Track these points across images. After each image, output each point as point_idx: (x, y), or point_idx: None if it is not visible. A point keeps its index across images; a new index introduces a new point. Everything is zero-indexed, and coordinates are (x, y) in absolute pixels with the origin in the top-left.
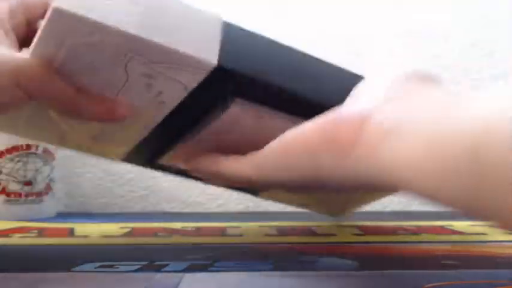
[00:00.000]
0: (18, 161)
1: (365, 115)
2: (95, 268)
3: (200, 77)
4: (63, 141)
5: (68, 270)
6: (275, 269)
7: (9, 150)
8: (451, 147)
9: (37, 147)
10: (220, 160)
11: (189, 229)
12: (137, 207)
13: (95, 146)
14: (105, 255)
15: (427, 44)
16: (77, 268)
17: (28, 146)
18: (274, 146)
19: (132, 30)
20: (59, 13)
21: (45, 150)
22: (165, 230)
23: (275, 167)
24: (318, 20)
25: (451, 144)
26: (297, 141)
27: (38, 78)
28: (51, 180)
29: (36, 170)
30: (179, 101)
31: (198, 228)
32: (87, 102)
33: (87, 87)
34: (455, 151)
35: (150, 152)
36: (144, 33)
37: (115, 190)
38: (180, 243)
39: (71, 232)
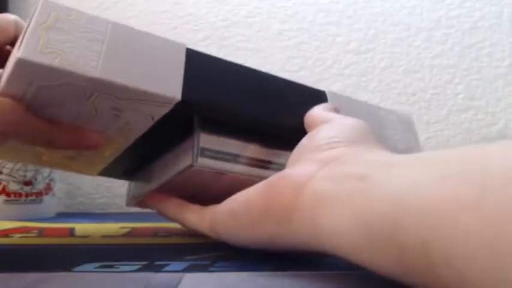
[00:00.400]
0: None
1: (303, 181)
2: (95, 268)
3: (165, 109)
4: (40, 162)
5: (68, 270)
6: (275, 269)
7: None
8: (373, 219)
9: None
10: (182, 210)
11: None
12: (137, 207)
13: (71, 165)
14: (105, 255)
15: (428, 44)
16: (77, 268)
17: None
18: (224, 208)
19: (95, 72)
20: (23, 62)
21: None
22: (165, 230)
23: (226, 228)
24: (321, 25)
25: (374, 215)
26: (242, 207)
27: (12, 118)
28: (51, 180)
29: (36, 170)
30: (147, 129)
31: None
32: (60, 134)
33: (58, 119)
34: (378, 223)
35: (124, 169)
36: (107, 75)
37: (115, 190)
38: (180, 243)
39: (71, 232)
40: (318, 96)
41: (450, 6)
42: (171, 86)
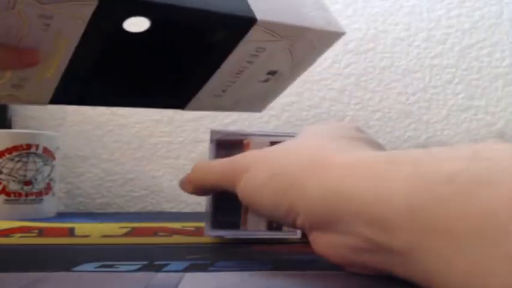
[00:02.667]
0: (18, 161)
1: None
2: (95, 268)
3: (90, 8)
4: None
5: (68, 270)
6: (275, 269)
7: (9, 150)
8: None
9: (37, 147)
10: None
11: (189, 229)
12: (137, 207)
13: (19, 95)
14: (105, 255)
15: (428, 44)
16: (77, 268)
17: (28, 146)
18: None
19: None
20: None
21: (46, 150)
22: (165, 230)
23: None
24: None
25: (392, 201)
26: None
27: None
28: (51, 180)
29: (36, 170)
30: (81, 34)
31: (198, 228)
32: None
33: None
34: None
35: (76, 90)
36: None
37: (115, 190)
38: (180, 243)
39: (71, 232)
40: None
41: (450, 6)
42: None
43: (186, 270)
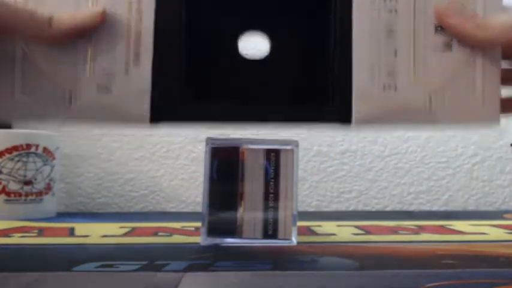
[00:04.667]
0: (18, 161)
1: None
2: (95, 268)
3: None
4: None
5: (68, 270)
6: (275, 269)
7: (9, 150)
8: None
9: (37, 147)
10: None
11: (189, 229)
12: (137, 207)
13: (109, 104)
14: (105, 255)
15: None
16: (77, 268)
17: (28, 146)
18: None
19: None
20: None
21: (46, 150)
22: (165, 230)
23: None
24: None
25: None
26: None
27: None
28: (51, 180)
29: (36, 170)
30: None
31: (198, 228)
32: None
33: None
34: None
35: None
36: None
37: (115, 190)
38: (180, 243)
39: (71, 232)
40: None
41: None
42: None
43: (186, 270)
